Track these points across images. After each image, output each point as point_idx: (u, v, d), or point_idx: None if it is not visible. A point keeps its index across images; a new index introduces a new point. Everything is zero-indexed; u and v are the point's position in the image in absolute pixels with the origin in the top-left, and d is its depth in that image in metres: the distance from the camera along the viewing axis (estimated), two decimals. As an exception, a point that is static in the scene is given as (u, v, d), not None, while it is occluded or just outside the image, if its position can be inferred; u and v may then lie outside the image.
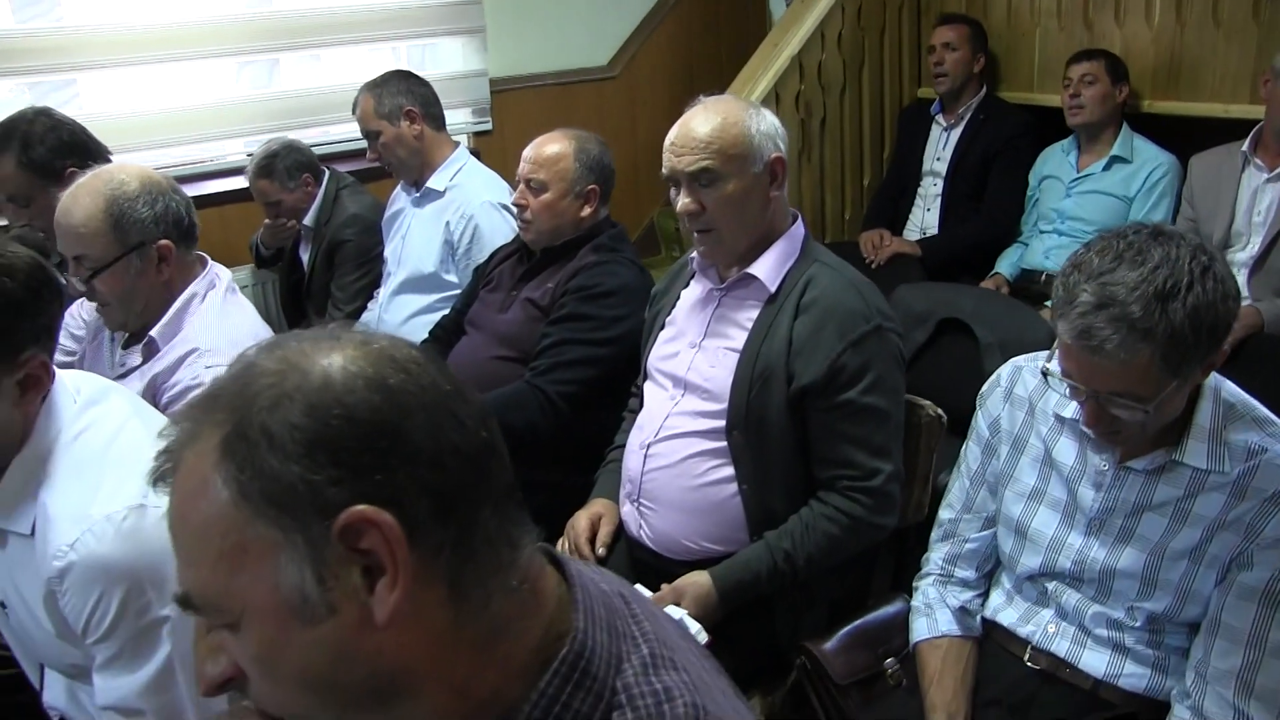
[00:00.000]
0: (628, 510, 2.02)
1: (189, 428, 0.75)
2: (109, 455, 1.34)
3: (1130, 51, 3.39)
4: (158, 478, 0.76)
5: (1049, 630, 1.69)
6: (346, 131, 3.88)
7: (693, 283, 2.09)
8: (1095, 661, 1.63)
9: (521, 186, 2.42)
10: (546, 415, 2.25)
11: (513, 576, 0.77)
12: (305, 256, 3.42)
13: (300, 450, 0.70)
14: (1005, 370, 1.81)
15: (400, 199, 3.16)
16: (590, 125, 4.21)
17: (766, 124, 1.94)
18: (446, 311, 2.83)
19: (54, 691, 1.51)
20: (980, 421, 1.82)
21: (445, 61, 4.15)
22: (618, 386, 2.29)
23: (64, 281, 1.42)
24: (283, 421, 0.70)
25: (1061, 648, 1.66)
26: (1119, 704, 1.62)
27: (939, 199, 3.77)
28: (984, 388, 1.84)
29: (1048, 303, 3.25)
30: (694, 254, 2.08)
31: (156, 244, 1.93)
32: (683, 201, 1.93)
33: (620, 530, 2.07)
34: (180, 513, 0.75)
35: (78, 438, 1.35)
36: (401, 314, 2.99)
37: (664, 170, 1.97)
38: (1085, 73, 3.30)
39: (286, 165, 3.28)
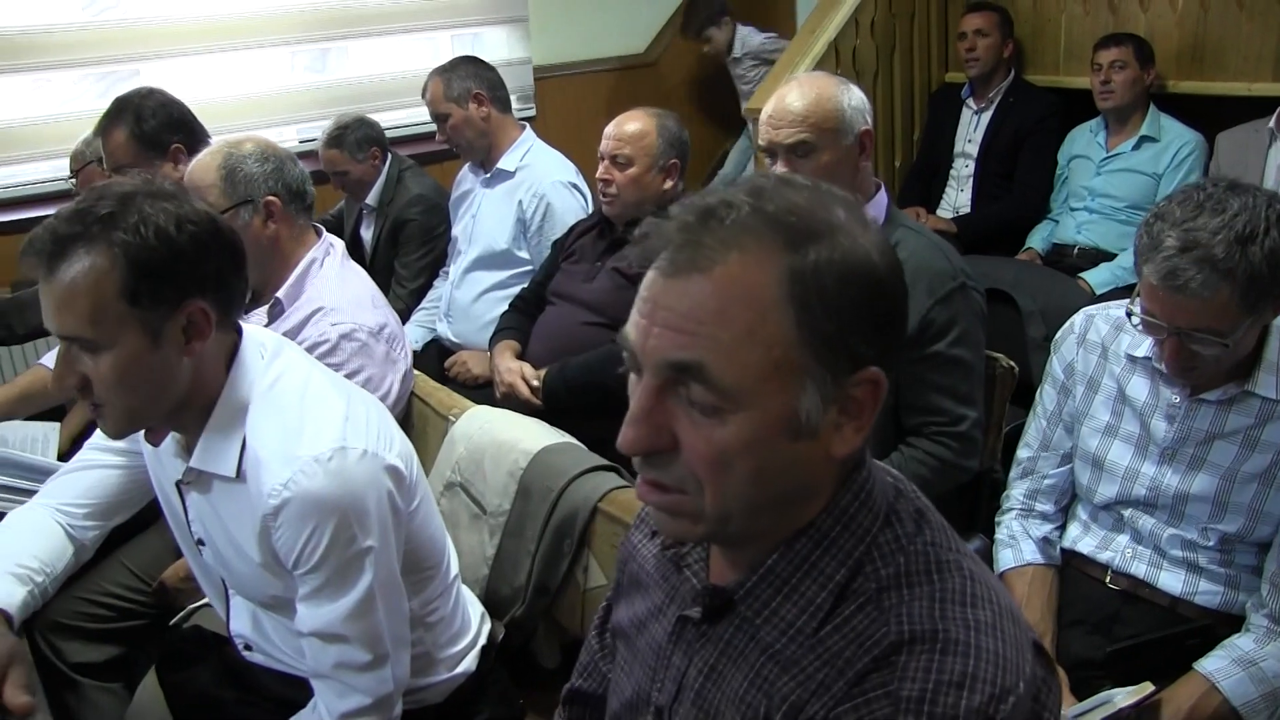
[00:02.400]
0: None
1: (729, 231, 0.85)
2: (305, 402, 1.45)
3: (1155, 33, 3.55)
4: (674, 254, 0.86)
5: (1126, 554, 1.85)
6: (399, 118, 4.05)
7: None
8: (1172, 581, 1.79)
9: (606, 162, 2.56)
10: (639, 375, 2.40)
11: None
12: (368, 235, 3.56)
13: (850, 316, 0.86)
14: (1078, 319, 1.98)
15: (468, 180, 3.31)
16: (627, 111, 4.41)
17: (856, 98, 2.10)
18: (519, 286, 2.99)
19: (240, 621, 1.64)
20: (1055, 366, 1.98)
21: (491, 50, 4.30)
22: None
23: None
24: (839, 283, 0.85)
25: (1139, 570, 1.82)
26: (1196, 619, 1.77)
27: (971, 179, 3.94)
28: (1057, 335, 2.00)
29: (1080, 274, 3.43)
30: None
31: (264, 199, 2.06)
32: (779, 170, 2.08)
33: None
34: (724, 305, 0.84)
35: (272, 387, 1.45)
36: (475, 290, 3.14)
37: (761, 142, 2.12)
38: (1115, 58, 3.46)
39: (357, 138, 3.42)
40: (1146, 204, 3.50)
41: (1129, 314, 1.73)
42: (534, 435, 1.90)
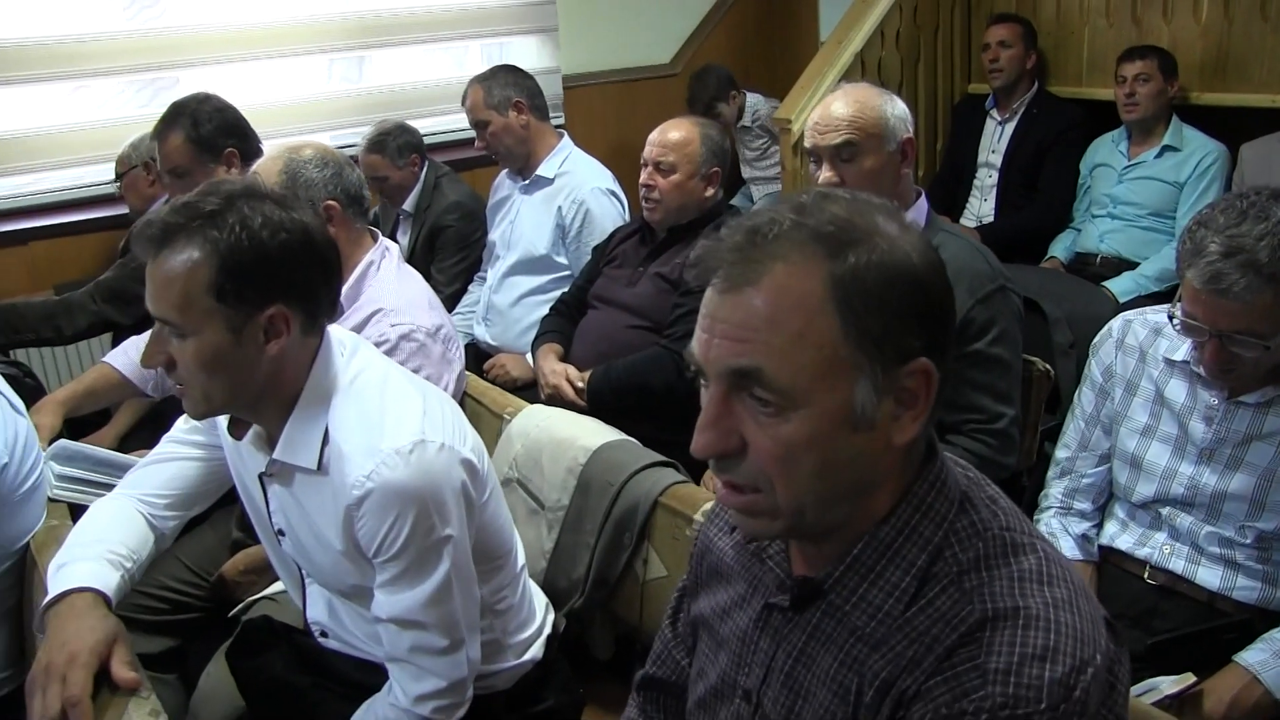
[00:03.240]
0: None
1: (773, 245, 0.93)
2: (385, 397, 1.51)
3: (1178, 46, 3.62)
4: (728, 269, 0.94)
5: (1164, 550, 1.90)
6: (429, 125, 4.12)
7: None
8: (1209, 577, 1.85)
9: (649, 169, 2.63)
10: (683, 377, 2.46)
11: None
12: (404, 240, 3.63)
13: (894, 312, 0.92)
14: (1116, 323, 2.04)
15: (505, 186, 3.38)
16: (653, 121, 4.44)
17: (899, 108, 2.17)
18: (557, 290, 3.06)
19: (316, 608, 1.70)
20: (1094, 369, 2.04)
21: (520, 59, 4.33)
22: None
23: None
24: (880, 283, 0.92)
25: (1178, 565, 1.88)
26: (1234, 613, 1.82)
27: (994, 189, 4.00)
28: (1095, 340, 2.06)
29: (1103, 283, 3.50)
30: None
31: (324, 204, 2.12)
32: (824, 175, 2.15)
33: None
34: (774, 312, 0.92)
35: (353, 383, 1.51)
36: (513, 294, 3.21)
37: (806, 145, 2.19)
38: (1140, 71, 3.52)
39: (398, 144, 3.48)
40: (1168, 212, 3.57)
41: (1171, 317, 1.79)
42: (592, 433, 1.96)
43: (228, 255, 1.37)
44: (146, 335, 2.32)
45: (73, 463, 2.01)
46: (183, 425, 1.73)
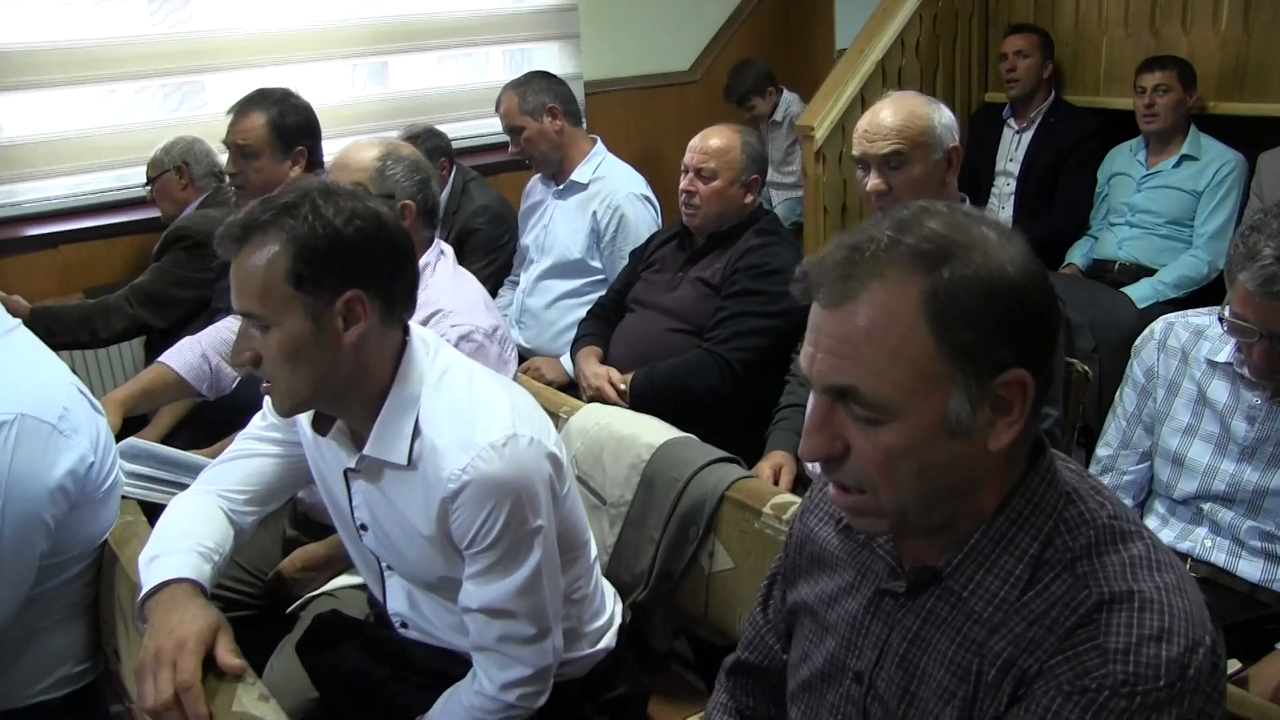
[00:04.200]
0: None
1: (870, 264, 0.98)
2: (473, 393, 1.55)
3: (1196, 56, 3.68)
4: (829, 286, 1.00)
5: (1205, 544, 1.96)
6: (455, 130, 4.15)
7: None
8: (1250, 569, 1.91)
9: (690, 175, 2.68)
10: (726, 379, 2.52)
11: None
12: (433, 245, 3.67)
13: (987, 325, 0.96)
14: (1158, 326, 2.10)
15: (538, 191, 3.43)
16: (672, 127, 4.56)
17: (945, 117, 2.23)
18: (592, 294, 3.12)
19: (396, 600, 1.74)
20: (1136, 370, 2.10)
21: (542, 66, 4.37)
22: (782, 356, 2.57)
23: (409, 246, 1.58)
24: (973, 296, 0.96)
25: (1219, 558, 1.94)
26: (1275, 604, 1.89)
27: (1012, 197, 4.07)
28: (1137, 342, 2.12)
29: (1122, 289, 3.56)
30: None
31: (402, 202, 2.18)
32: (872, 182, 2.21)
33: (800, 476, 2.34)
34: (871, 329, 0.97)
35: (441, 379, 1.55)
36: (547, 297, 3.26)
37: (855, 153, 2.25)
38: (1159, 82, 3.58)
39: (427, 148, 3.49)
40: (1186, 221, 3.63)
41: (1220, 318, 1.85)
42: (654, 430, 2.01)
43: (303, 243, 1.42)
44: (202, 335, 2.38)
45: (139, 460, 2.05)
46: (260, 423, 1.77)
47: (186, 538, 1.60)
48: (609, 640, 1.76)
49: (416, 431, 1.52)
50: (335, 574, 2.17)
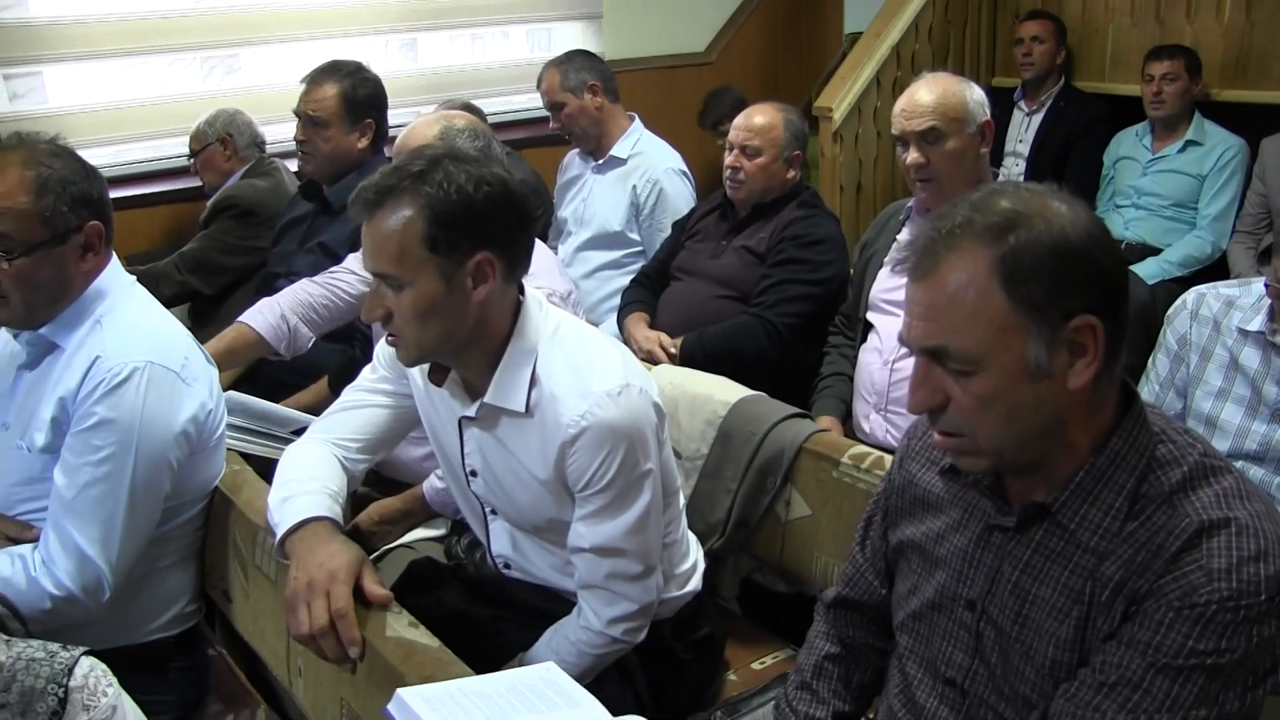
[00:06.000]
0: (875, 420, 2.43)
1: (948, 240, 1.14)
2: (587, 346, 1.66)
3: (1200, 44, 3.84)
4: (917, 262, 1.16)
5: (1236, 502, 2.12)
6: (483, 106, 4.24)
7: (906, 226, 2.52)
8: None
9: (735, 151, 2.80)
10: (773, 343, 2.65)
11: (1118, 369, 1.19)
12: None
13: (1052, 280, 1.10)
14: (1190, 296, 2.25)
15: (575, 165, 3.54)
16: (689, 108, 4.68)
17: (977, 94, 2.38)
18: (631, 264, 3.24)
19: (500, 543, 1.85)
20: (1169, 337, 2.25)
21: (564, 44, 4.49)
22: (823, 321, 2.71)
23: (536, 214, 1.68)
24: (1037, 257, 1.10)
25: (1249, 515, 2.10)
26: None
27: (1022, 178, 4.21)
28: (1169, 311, 2.27)
29: (1131, 266, 3.72)
30: (909, 203, 2.52)
31: None
32: (912, 156, 2.36)
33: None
34: (953, 294, 1.13)
35: (555, 334, 1.66)
36: (586, 267, 3.38)
37: (894, 131, 2.39)
38: (1167, 71, 3.74)
39: None
40: (1190, 203, 3.80)
41: (1267, 285, 1.99)
42: (726, 389, 2.14)
43: (438, 208, 1.51)
44: (280, 296, 2.47)
45: (235, 414, 2.14)
46: (370, 375, 1.87)
47: (313, 480, 1.70)
48: (695, 583, 1.88)
49: (534, 381, 1.62)
50: (411, 527, 2.28)
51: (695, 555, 1.92)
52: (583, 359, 1.64)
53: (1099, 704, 1.13)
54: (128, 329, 1.80)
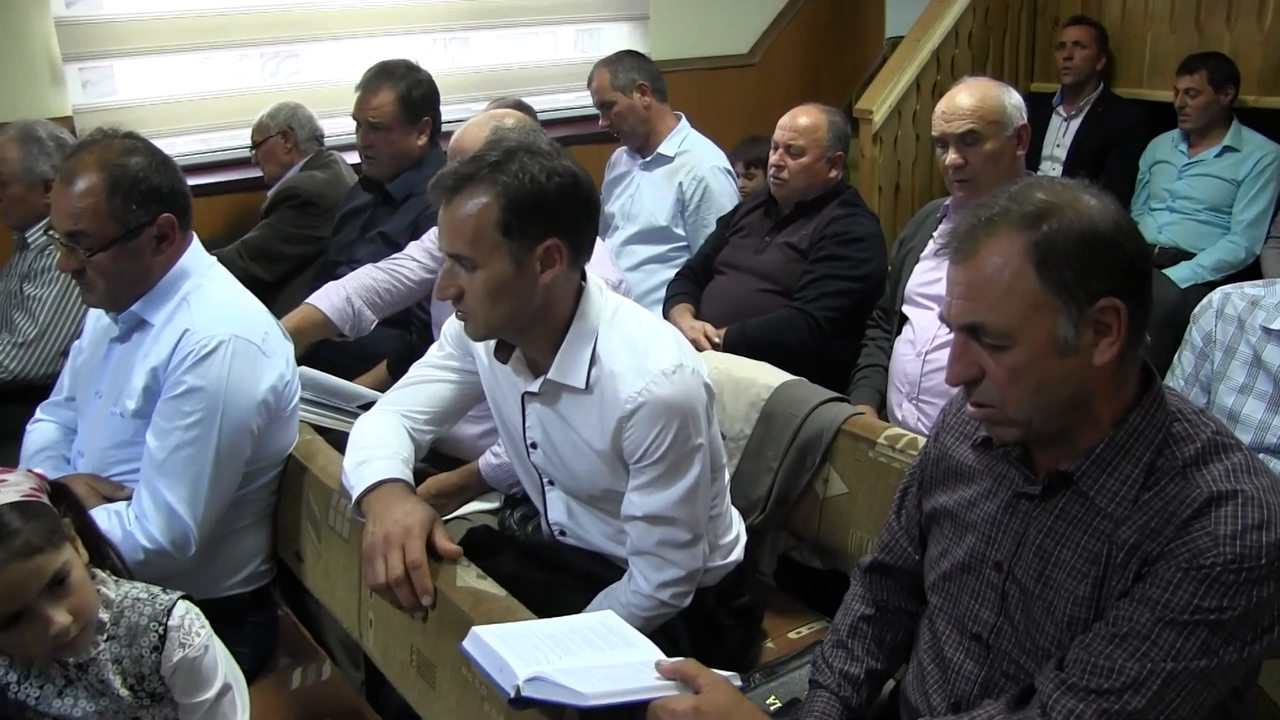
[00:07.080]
0: (908, 409, 2.53)
1: (986, 226, 1.26)
2: (643, 327, 1.78)
3: (1239, 51, 3.91)
4: (958, 246, 1.28)
5: (1259, 493, 2.21)
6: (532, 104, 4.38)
7: (943, 223, 2.62)
8: (1299, 516, 2.16)
9: (780, 151, 2.92)
10: (814, 335, 2.76)
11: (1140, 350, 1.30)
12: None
13: (1078, 265, 1.21)
14: (1215, 296, 2.33)
15: (623, 162, 3.67)
16: (732, 109, 4.79)
17: (1015, 99, 2.48)
18: (676, 259, 3.37)
19: (556, 511, 1.97)
20: (1194, 335, 2.34)
21: (611, 45, 4.62)
22: (861, 316, 2.81)
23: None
24: (1068, 243, 1.22)
25: (1270, 506, 2.19)
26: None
27: (1058, 181, 4.29)
28: (1195, 310, 2.36)
29: (1162, 270, 3.79)
30: (946, 201, 2.63)
31: None
32: (951, 157, 2.46)
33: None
34: (990, 275, 1.24)
35: (614, 315, 1.78)
36: (632, 260, 3.51)
37: (934, 133, 2.50)
38: (1189, 86, 3.84)
39: None
40: (1225, 208, 3.87)
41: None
42: (769, 374, 2.26)
43: (513, 197, 1.63)
44: (345, 280, 2.61)
45: (307, 388, 2.28)
46: (437, 352, 1.99)
47: (386, 446, 1.84)
48: (737, 554, 2.00)
49: (594, 360, 1.75)
50: (466, 501, 2.41)
51: (738, 528, 2.03)
52: (640, 340, 1.75)
53: (1111, 652, 1.23)
54: (214, 305, 1.95)
